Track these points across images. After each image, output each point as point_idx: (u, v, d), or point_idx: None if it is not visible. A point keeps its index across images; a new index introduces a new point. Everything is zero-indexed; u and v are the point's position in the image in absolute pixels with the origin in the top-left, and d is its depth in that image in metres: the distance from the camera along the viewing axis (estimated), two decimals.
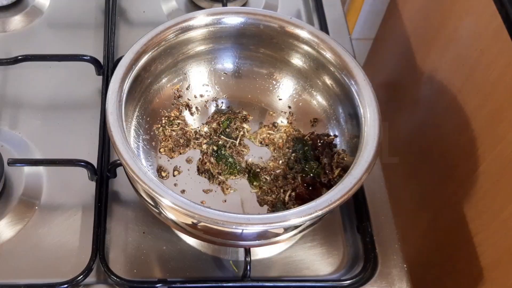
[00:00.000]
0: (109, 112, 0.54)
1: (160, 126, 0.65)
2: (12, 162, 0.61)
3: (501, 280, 0.66)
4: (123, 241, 0.61)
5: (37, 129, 0.69)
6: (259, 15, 0.64)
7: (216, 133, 0.66)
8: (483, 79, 0.69)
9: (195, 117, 0.67)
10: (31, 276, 0.58)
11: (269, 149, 0.65)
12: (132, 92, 0.59)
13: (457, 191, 0.75)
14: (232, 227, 0.49)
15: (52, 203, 0.63)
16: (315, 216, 0.50)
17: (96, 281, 0.58)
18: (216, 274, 0.60)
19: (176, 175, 0.62)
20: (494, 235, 0.67)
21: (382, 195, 0.67)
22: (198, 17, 0.62)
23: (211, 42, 0.65)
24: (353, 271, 0.61)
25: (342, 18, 0.85)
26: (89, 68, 0.72)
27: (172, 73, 0.66)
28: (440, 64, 0.81)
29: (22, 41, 0.77)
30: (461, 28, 0.75)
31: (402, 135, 0.92)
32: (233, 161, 0.63)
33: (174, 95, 0.67)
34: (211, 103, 0.68)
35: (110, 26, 0.77)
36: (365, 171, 0.52)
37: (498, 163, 0.66)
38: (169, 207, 0.49)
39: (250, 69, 0.68)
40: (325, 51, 0.62)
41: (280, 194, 0.61)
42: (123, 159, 0.51)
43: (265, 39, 0.65)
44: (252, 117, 0.68)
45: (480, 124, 0.70)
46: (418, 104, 0.88)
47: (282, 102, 0.68)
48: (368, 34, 1.09)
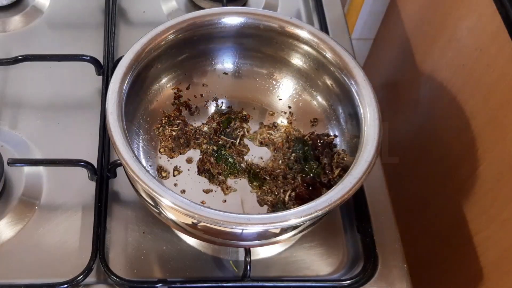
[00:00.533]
0: (109, 112, 0.54)
1: (160, 126, 0.65)
2: (12, 162, 0.60)
3: (501, 280, 0.66)
4: (123, 241, 0.61)
5: (37, 129, 0.69)
6: (259, 15, 0.64)
7: (216, 133, 0.65)
8: (483, 79, 0.69)
9: (195, 117, 0.67)
10: (31, 276, 0.58)
11: (269, 149, 0.65)
12: (132, 92, 0.58)
13: (457, 191, 0.75)
14: (232, 227, 0.49)
15: (52, 203, 0.63)
16: (315, 216, 0.50)
17: (96, 281, 0.58)
18: (216, 274, 0.60)
19: (176, 175, 0.62)
20: (494, 235, 0.67)
21: (382, 195, 0.67)
22: (198, 17, 0.62)
23: (211, 42, 0.65)
24: (353, 271, 0.61)
25: (342, 18, 0.85)
26: (89, 68, 0.72)
27: (172, 73, 0.66)
28: (440, 64, 0.81)
29: (22, 41, 0.77)
30: (461, 28, 0.75)
31: (402, 135, 0.92)
32: (233, 161, 0.63)
33: (174, 95, 0.67)
34: (211, 103, 0.68)
35: (110, 26, 0.77)
36: (365, 171, 0.52)
37: (498, 163, 0.66)
38: (169, 207, 0.49)
39: (250, 69, 0.68)
40: (325, 51, 0.62)
41: (280, 194, 0.61)
42: (123, 159, 0.51)
43: (265, 39, 0.65)
44: (252, 117, 0.68)
45: (480, 124, 0.70)
46: (418, 104, 0.88)
47: (282, 102, 0.68)
48: (368, 34, 1.09)
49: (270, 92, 0.68)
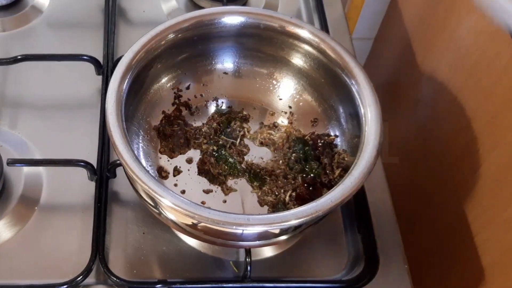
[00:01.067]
0: (109, 112, 0.54)
1: (160, 126, 0.64)
2: (12, 162, 0.60)
3: (501, 280, 0.66)
4: (123, 242, 0.61)
5: (37, 129, 0.69)
6: (259, 15, 0.63)
7: (216, 133, 0.65)
8: (483, 79, 0.69)
9: (195, 117, 0.67)
10: (31, 277, 0.58)
11: (269, 149, 0.65)
12: (132, 92, 0.58)
13: (457, 191, 0.74)
14: (232, 227, 0.49)
15: (52, 203, 0.63)
16: (316, 216, 0.50)
17: (95, 282, 0.58)
18: (216, 274, 0.60)
19: (176, 175, 0.62)
20: (494, 235, 0.67)
21: (383, 195, 0.67)
22: (198, 17, 0.62)
23: (211, 42, 0.65)
24: (354, 271, 0.61)
25: (343, 18, 0.84)
26: (89, 68, 0.72)
27: (172, 73, 0.66)
28: (440, 64, 0.80)
29: (22, 41, 0.77)
30: (461, 28, 0.75)
31: (403, 135, 0.92)
32: (233, 161, 0.63)
33: (174, 95, 0.66)
34: (211, 103, 0.68)
35: (110, 26, 0.76)
36: (366, 171, 0.52)
37: (499, 163, 0.66)
38: (169, 207, 0.49)
39: (251, 69, 0.68)
40: (325, 51, 0.62)
41: (280, 195, 0.60)
42: (123, 159, 0.51)
43: (266, 38, 0.65)
44: (253, 117, 0.67)
45: (480, 124, 0.69)
46: (418, 104, 0.88)
47: (282, 102, 0.68)
48: (368, 34, 1.09)
49: (271, 92, 0.68)
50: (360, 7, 1.03)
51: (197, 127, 0.66)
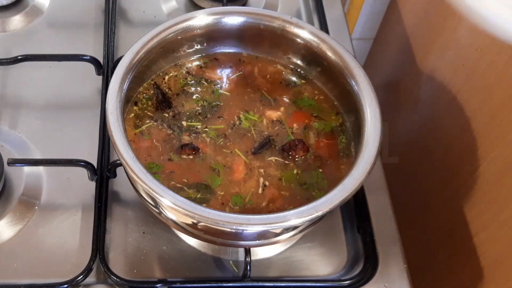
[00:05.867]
0: (109, 112, 0.54)
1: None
2: (12, 162, 0.60)
3: (501, 280, 0.66)
4: (123, 241, 0.61)
5: (37, 129, 0.69)
6: (259, 15, 0.64)
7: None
8: (483, 79, 0.69)
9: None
10: (31, 276, 0.58)
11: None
12: (132, 92, 0.58)
13: (457, 191, 0.75)
14: (232, 227, 0.49)
15: (52, 203, 0.63)
16: (315, 216, 0.50)
17: (96, 281, 0.58)
18: (216, 274, 0.60)
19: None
20: (494, 235, 0.67)
21: (383, 195, 0.67)
22: (198, 17, 0.62)
23: (211, 42, 0.65)
24: (353, 271, 0.61)
25: (342, 18, 0.85)
26: (89, 68, 0.72)
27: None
28: (440, 64, 0.80)
29: (22, 41, 0.77)
30: (461, 28, 0.75)
31: (402, 135, 0.92)
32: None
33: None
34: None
35: (110, 26, 0.77)
36: (365, 171, 0.52)
37: (499, 163, 0.66)
38: (169, 207, 0.49)
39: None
40: (325, 51, 0.62)
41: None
42: (123, 159, 0.51)
43: (265, 39, 0.65)
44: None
45: (480, 124, 0.70)
46: (418, 104, 0.88)
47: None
48: (368, 34, 1.09)
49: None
50: (359, 7, 1.03)
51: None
